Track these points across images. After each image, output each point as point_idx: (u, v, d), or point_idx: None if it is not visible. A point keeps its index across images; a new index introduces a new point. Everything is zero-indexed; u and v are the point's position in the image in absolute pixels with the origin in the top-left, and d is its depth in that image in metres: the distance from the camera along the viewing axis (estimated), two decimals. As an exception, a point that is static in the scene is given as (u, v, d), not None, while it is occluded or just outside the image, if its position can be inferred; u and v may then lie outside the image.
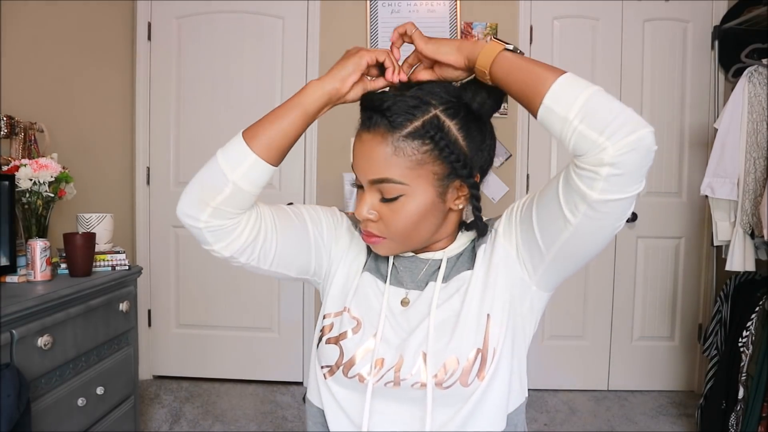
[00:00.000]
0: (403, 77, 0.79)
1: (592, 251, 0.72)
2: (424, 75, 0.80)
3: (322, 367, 0.82)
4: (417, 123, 0.73)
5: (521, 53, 0.72)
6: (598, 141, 0.62)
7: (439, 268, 0.83)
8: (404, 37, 0.79)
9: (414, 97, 0.74)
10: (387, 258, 0.86)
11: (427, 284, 0.83)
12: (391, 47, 0.80)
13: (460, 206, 0.80)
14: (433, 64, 0.79)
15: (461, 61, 0.75)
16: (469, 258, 0.83)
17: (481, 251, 0.82)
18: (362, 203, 0.78)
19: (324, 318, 0.85)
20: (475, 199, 0.78)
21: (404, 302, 0.82)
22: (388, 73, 0.78)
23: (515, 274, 0.79)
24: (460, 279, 0.81)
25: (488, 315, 0.77)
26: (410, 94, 0.75)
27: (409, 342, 0.78)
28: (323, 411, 0.82)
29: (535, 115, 0.69)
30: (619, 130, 0.61)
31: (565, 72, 0.67)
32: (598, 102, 0.64)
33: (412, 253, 0.86)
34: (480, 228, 0.81)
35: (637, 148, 0.61)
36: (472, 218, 0.84)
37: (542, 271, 0.77)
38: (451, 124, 0.74)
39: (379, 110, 0.74)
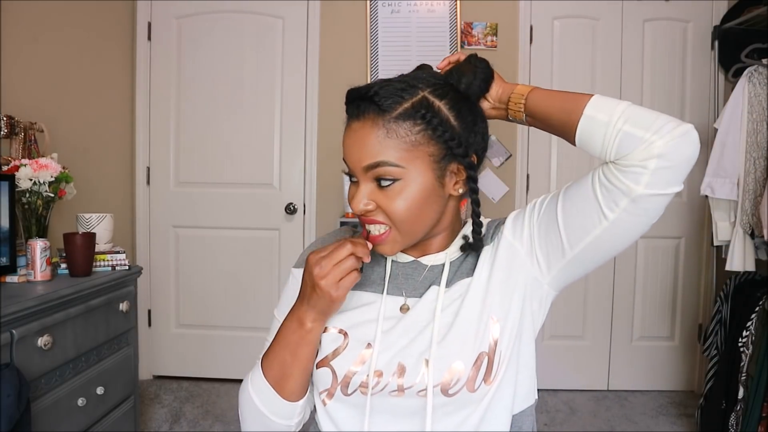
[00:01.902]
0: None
1: (617, 248, 0.74)
2: None
3: (320, 393, 0.81)
4: (406, 104, 0.73)
5: None
6: (645, 137, 0.66)
7: (441, 272, 0.82)
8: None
9: (400, 81, 0.75)
10: (384, 266, 0.85)
11: (427, 289, 0.81)
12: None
13: (460, 191, 0.79)
14: None
15: (492, 94, 0.81)
16: (472, 259, 0.82)
17: (485, 252, 0.81)
18: (357, 194, 0.76)
19: None
20: (472, 180, 0.77)
21: (403, 309, 0.81)
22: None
23: (525, 272, 0.79)
24: (462, 285, 0.80)
25: (491, 318, 0.76)
26: (396, 79, 0.76)
27: (411, 349, 0.76)
28: None
29: (573, 136, 0.72)
30: (665, 126, 0.66)
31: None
32: (637, 108, 0.69)
33: (412, 258, 0.84)
34: (475, 212, 0.80)
35: (685, 140, 0.66)
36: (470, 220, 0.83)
37: (558, 268, 0.77)
38: (441, 104, 0.74)
39: (366, 97, 0.73)
